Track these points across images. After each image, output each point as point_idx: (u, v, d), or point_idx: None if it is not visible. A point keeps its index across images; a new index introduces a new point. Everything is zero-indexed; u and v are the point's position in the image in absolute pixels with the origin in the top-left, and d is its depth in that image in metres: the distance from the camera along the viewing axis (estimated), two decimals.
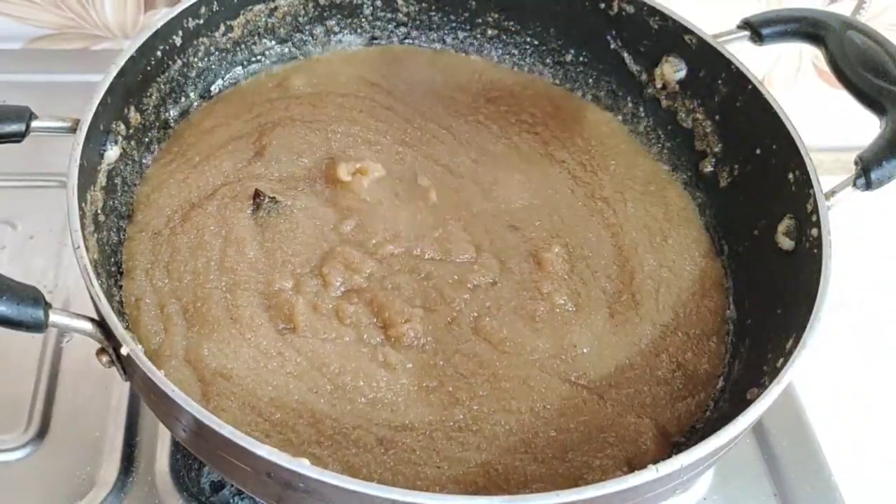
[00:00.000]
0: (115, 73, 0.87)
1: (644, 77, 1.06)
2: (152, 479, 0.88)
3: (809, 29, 0.95)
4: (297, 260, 0.89)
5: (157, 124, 0.99)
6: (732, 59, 0.96)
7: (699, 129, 1.02)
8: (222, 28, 1.03)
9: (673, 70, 1.02)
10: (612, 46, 1.07)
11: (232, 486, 0.88)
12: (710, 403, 0.87)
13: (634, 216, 0.99)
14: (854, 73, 0.90)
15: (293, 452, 0.65)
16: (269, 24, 1.07)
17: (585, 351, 0.87)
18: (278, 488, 0.66)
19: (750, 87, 0.94)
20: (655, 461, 0.65)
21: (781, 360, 0.76)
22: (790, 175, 0.88)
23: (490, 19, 1.13)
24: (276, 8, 1.07)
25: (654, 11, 1.01)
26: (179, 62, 1.00)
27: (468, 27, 1.14)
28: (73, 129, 0.81)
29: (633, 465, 0.79)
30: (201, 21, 1.00)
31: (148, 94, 0.96)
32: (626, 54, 1.07)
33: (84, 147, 0.80)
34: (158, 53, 0.96)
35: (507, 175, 1.01)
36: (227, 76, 1.07)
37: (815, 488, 0.94)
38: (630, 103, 1.09)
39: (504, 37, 1.14)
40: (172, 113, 1.01)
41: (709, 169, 1.01)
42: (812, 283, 0.78)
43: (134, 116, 0.93)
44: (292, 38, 1.10)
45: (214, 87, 1.06)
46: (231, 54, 1.06)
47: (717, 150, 1.01)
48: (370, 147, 1.02)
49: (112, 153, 0.89)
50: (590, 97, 1.11)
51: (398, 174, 0.99)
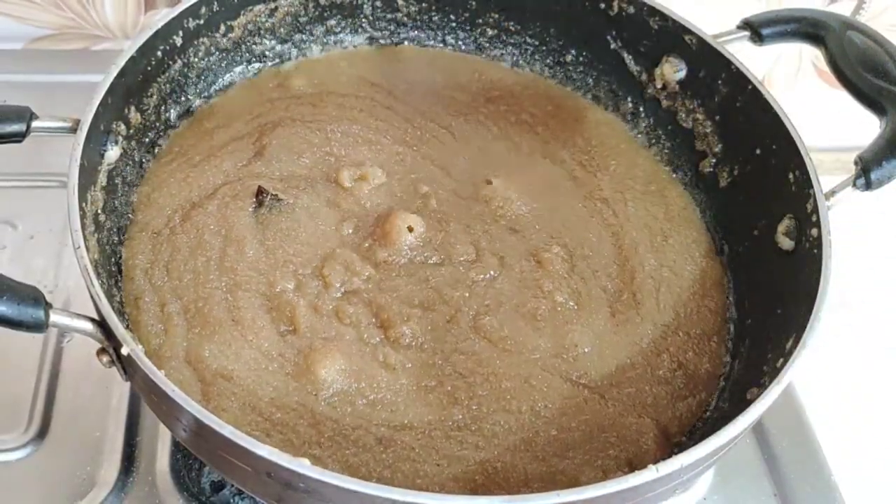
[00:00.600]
0: (115, 74, 0.87)
1: (644, 77, 1.06)
2: (153, 479, 0.89)
3: (809, 29, 0.95)
4: (299, 260, 0.89)
5: (158, 124, 0.99)
6: (732, 59, 0.96)
7: (699, 129, 1.02)
8: (223, 28, 1.03)
9: (673, 70, 1.02)
10: (613, 46, 1.07)
11: (232, 485, 0.88)
12: (710, 403, 0.87)
13: (635, 216, 0.99)
14: (854, 73, 0.90)
15: (293, 452, 0.65)
16: (269, 24, 1.07)
17: (587, 350, 0.87)
18: (278, 488, 0.66)
19: (750, 87, 0.94)
20: (656, 461, 0.65)
21: (781, 360, 0.76)
22: (790, 175, 0.88)
23: (490, 19, 1.13)
24: (276, 8, 1.07)
25: (655, 11, 1.01)
26: (180, 62, 1.00)
27: (468, 27, 1.14)
28: (73, 130, 0.81)
29: (634, 465, 0.79)
30: (202, 21, 1.00)
31: (148, 94, 0.96)
32: (626, 54, 1.07)
33: (84, 147, 0.80)
34: (159, 53, 0.96)
35: (507, 175, 1.01)
36: (228, 76, 1.07)
37: (815, 488, 0.94)
38: (630, 103, 1.09)
39: (504, 37, 1.14)
40: (173, 113, 1.01)
41: (709, 169, 1.01)
42: (812, 283, 0.78)
43: (134, 116, 0.93)
44: (292, 38, 1.10)
45: (215, 87, 1.06)
46: (231, 54, 1.06)
47: (717, 150, 1.01)
48: (370, 147, 1.02)
49: (112, 153, 0.89)
50: (590, 97, 1.11)
51: (399, 176, 0.99)
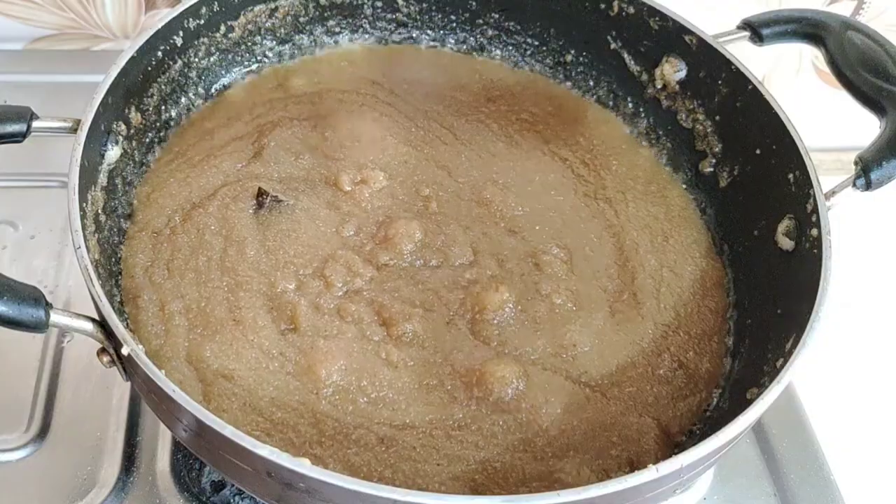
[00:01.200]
0: (115, 74, 0.87)
1: (644, 77, 1.06)
2: (153, 479, 0.89)
3: (809, 29, 0.95)
4: (300, 261, 0.89)
5: (158, 124, 0.99)
6: (732, 59, 0.96)
7: (699, 129, 1.02)
8: (223, 28, 1.03)
9: (673, 70, 1.02)
10: (613, 47, 1.07)
11: (233, 485, 0.88)
12: (711, 403, 0.87)
13: (636, 216, 0.99)
14: (854, 73, 0.90)
15: (294, 452, 0.65)
16: (269, 25, 1.07)
17: (586, 349, 0.87)
18: (279, 488, 0.66)
19: (750, 87, 0.94)
20: (658, 461, 0.65)
21: (781, 360, 0.76)
22: (790, 175, 0.88)
23: (491, 19, 1.13)
24: (276, 8, 1.07)
25: (655, 12, 1.01)
26: (180, 62, 1.00)
27: (469, 27, 1.14)
28: (74, 130, 0.82)
29: (636, 465, 0.79)
30: (202, 21, 1.00)
31: (149, 94, 0.96)
32: (626, 54, 1.07)
33: (85, 147, 0.80)
34: (159, 54, 0.96)
35: (507, 174, 1.01)
36: (228, 76, 1.07)
37: (815, 488, 0.94)
38: (630, 103, 1.09)
39: (504, 37, 1.14)
40: (173, 113, 1.01)
41: (709, 169, 1.01)
42: (812, 283, 0.78)
43: (135, 117, 0.93)
44: (293, 38, 1.10)
45: (215, 88, 1.06)
46: (232, 55, 1.06)
47: (717, 150, 1.01)
48: (374, 147, 1.01)
49: (113, 153, 0.89)
50: (590, 97, 1.11)
51: (402, 178, 0.99)
